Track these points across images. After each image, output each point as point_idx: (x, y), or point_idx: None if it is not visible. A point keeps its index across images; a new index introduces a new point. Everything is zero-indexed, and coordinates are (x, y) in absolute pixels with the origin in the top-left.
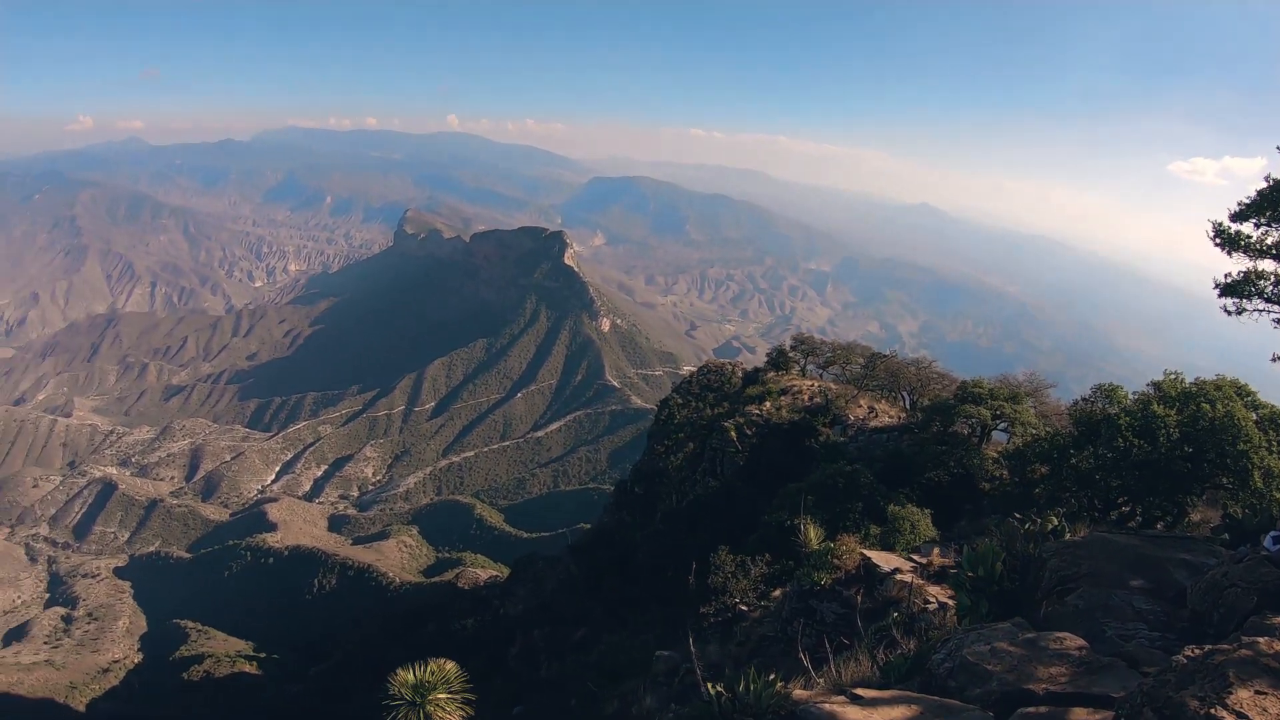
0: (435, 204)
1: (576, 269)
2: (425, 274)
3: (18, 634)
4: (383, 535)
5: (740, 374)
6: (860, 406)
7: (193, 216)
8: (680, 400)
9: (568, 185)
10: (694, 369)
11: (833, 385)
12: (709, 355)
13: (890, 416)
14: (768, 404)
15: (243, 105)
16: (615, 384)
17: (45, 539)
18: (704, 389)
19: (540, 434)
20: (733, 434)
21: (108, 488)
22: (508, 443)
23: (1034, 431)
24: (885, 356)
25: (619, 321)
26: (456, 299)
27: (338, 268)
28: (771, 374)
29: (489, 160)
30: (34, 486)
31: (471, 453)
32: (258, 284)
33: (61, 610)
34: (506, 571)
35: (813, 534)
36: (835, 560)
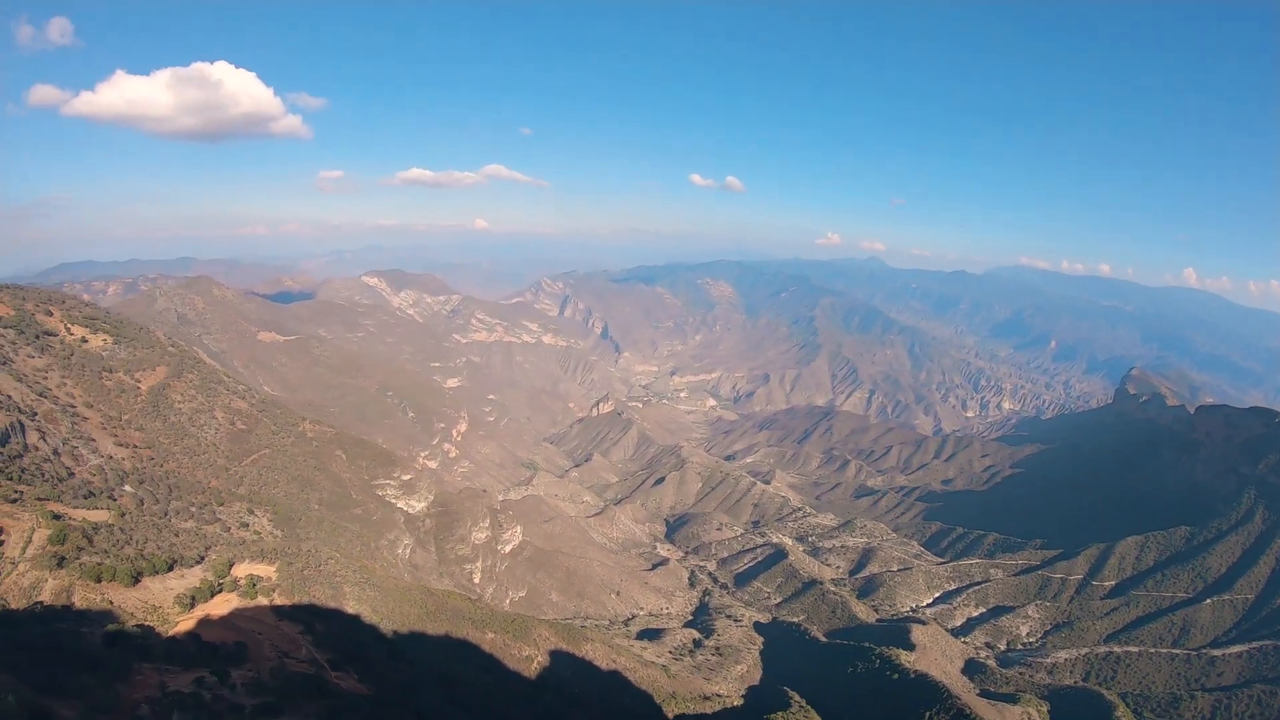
0: (1162, 365)
1: None
2: (1137, 441)
3: (652, 635)
4: (1011, 699)
5: None
6: None
7: (919, 337)
8: None
9: None
10: None
11: None
12: None
13: None
14: None
15: (979, 238)
16: None
17: (709, 574)
18: None
19: (1217, 653)
20: None
21: (778, 553)
22: (1177, 650)
23: None
24: None
25: None
26: (1168, 474)
27: (1051, 415)
28: None
29: (1225, 323)
30: (717, 529)
31: (1135, 648)
32: (969, 414)
33: (695, 634)
34: None
35: None
36: None
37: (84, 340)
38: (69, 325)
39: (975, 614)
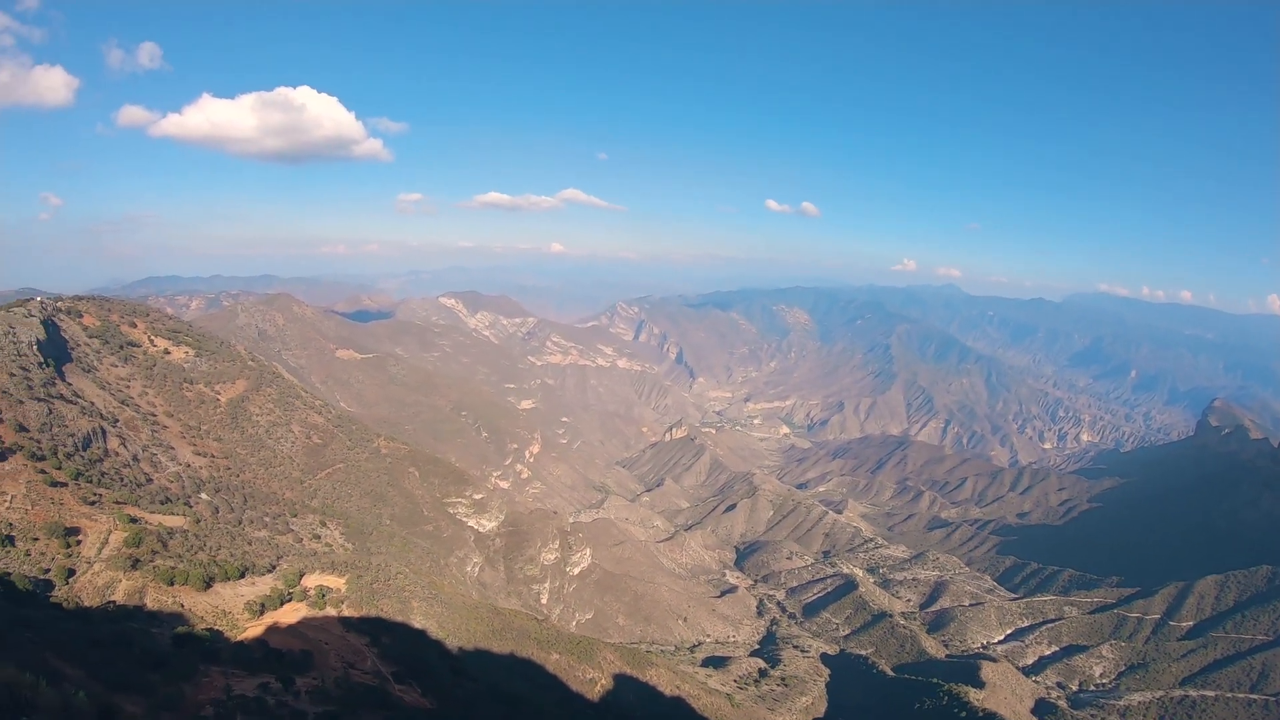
0: (1245, 396)
1: None
2: (1219, 475)
3: (717, 663)
4: None
5: None
6: None
7: (996, 367)
8: None
9: None
10: None
11: None
12: None
13: None
14: None
15: (1057, 265)
16: None
17: (778, 603)
18: None
19: None
20: None
21: (848, 584)
22: (1255, 696)
23: None
24: None
25: None
26: (1250, 511)
27: (1130, 447)
28: None
29: None
30: (787, 558)
31: (1212, 692)
32: (1046, 445)
33: (761, 664)
34: None
35: None
36: None
37: (166, 352)
38: (152, 337)
39: (1048, 652)
